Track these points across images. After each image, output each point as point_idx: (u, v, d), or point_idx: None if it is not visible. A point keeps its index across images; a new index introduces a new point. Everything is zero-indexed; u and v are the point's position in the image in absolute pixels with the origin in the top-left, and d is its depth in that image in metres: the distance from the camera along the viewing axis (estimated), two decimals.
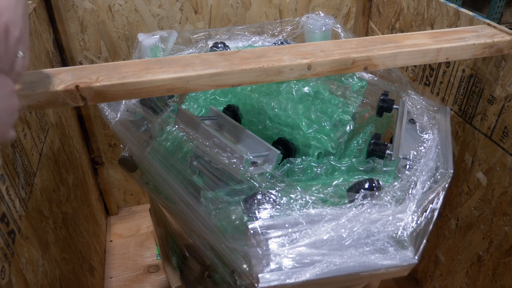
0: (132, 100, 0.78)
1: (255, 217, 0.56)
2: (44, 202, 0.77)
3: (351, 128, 0.76)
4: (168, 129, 0.76)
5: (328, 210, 0.56)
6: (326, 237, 0.52)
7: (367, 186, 0.58)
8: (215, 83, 0.62)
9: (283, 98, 0.77)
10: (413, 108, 0.78)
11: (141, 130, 0.79)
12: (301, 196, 0.58)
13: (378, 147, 0.69)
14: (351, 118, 0.77)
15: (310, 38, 1.06)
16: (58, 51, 1.10)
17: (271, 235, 0.53)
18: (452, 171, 0.65)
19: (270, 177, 0.64)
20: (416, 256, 0.53)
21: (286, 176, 0.68)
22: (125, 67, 0.60)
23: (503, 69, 0.77)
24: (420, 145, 0.69)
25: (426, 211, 0.57)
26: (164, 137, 0.76)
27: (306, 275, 0.49)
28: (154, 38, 0.97)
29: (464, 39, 0.72)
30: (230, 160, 0.64)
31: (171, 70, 0.60)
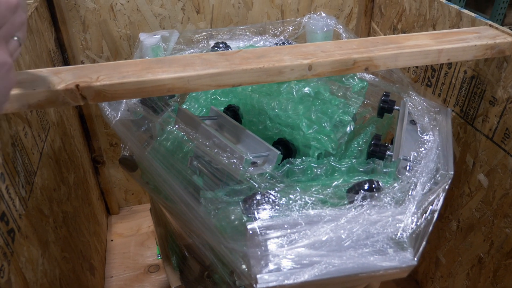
0: (133, 99, 0.78)
1: (254, 217, 0.56)
2: (44, 201, 0.77)
3: (352, 129, 0.76)
4: (168, 129, 0.76)
5: (328, 211, 0.56)
6: (325, 238, 0.52)
7: (367, 187, 0.58)
8: (215, 83, 0.61)
9: (283, 99, 0.77)
10: (414, 109, 0.77)
11: (141, 129, 0.79)
12: (300, 196, 0.58)
13: (378, 148, 0.69)
14: (351, 119, 0.77)
15: (312, 39, 1.06)
16: (60, 50, 1.10)
17: (270, 235, 0.53)
18: (453, 173, 0.65)
19: (270, 177, 0.63)
20: (415, 257, 0.53)
21: (286, 177, 0.68)
22: (125, 67, 0.60)
23: (505, 70, 0.77)
24: (421, 146, 0.69)
25: (426, 213, 0.57)
26: (164, 137, 0.76)
27: (305, 276, 0.49)
28: (155, 38, 0.97)
29: (466, 40, 0.72)
30: (230, 160, 0.64)
31: (171, 70, 0.60)
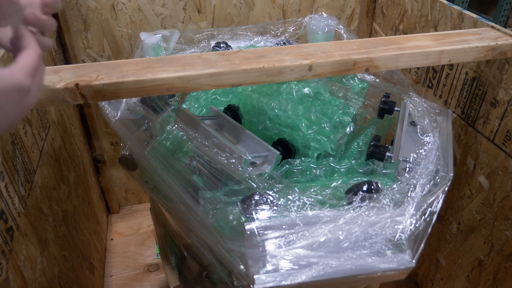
0: (133, 99, 0.78)
1: (252, 218, 0.56)
2: (44, 199, 0.77)
3: (351, 129, 0.76)
4: (168, 128, 0.76)
5: (326, 212, 0.55)
6: (323, 239, 0.52)
7: (366, 188, 0.58)
8: (215, 83, 0.61)
9: (283, 99, 0.76)
10: (414, 110, 0.77)
11: (141, 129, 0.79)
12: (299, 197, 0.57)
13: (378, 149, 0.69)
14: (351, 119, 0.77)
15: (313, 39, 1.05)
16: (61, 49, 1.10)
17: (268, 236, 0.53)
18: (452, 175, 0.65)
19: (269, 178, 0.63)
20: (413, 259, 0.52)
21: (285, 177, 0.68)
22: (125, 66, 0.60)
23: (507, 72, 0.76)
24: (421, 147, 0.69)
25: (425, 214, 0.57)
26: (164, 136, 0.76)
27: (302, 277, 0.49)
28: (156, 37, 0.97)
29: (467, 42, 0.72)
30: (229, 160, 0.64)
31: (171, 69, 0.60)
